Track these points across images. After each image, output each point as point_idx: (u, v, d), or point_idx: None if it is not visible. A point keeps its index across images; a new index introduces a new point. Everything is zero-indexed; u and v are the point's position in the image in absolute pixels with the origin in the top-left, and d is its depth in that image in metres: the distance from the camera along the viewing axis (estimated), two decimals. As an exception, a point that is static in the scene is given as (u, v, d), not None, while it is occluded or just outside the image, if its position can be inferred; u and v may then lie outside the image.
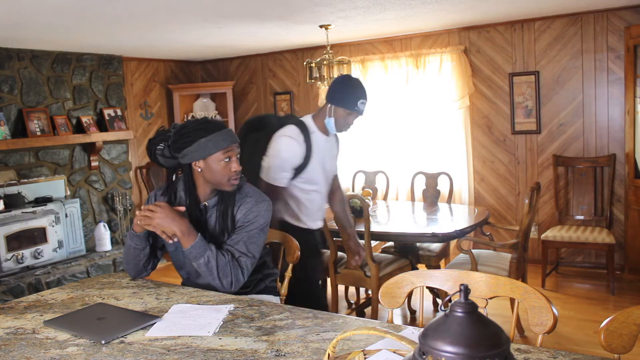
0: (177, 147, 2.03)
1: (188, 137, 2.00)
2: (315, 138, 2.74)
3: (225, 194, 2.08)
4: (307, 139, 2.69)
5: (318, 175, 2.80)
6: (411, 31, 5.50)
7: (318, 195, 2.86)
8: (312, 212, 2.85)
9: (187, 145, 2.00)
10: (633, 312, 1.33)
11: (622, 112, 4.75)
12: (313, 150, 2.71)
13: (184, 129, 2.02)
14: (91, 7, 3.50)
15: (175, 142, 2.03)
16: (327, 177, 2.89)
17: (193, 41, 5.23)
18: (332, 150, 2.91)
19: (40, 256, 4.87)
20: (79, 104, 5.56)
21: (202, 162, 2.02)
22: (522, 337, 3.64)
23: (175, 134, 2.04)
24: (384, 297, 1.71)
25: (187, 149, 2.00)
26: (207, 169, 2.02)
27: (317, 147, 2.74)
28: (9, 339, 1.60)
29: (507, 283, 1.55)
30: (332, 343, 1.06)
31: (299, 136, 2.67)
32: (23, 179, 5.02)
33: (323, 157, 2.80)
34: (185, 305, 1.81)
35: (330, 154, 2.90)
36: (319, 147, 2.75)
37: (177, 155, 2.05)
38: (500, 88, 5.30)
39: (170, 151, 2.07)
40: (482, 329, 0.83)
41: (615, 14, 4.73)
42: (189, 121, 2.06)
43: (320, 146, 2.76)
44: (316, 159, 2.74)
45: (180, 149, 2.02)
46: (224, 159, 2.01)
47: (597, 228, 4.67)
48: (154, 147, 2.10)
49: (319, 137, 2.77)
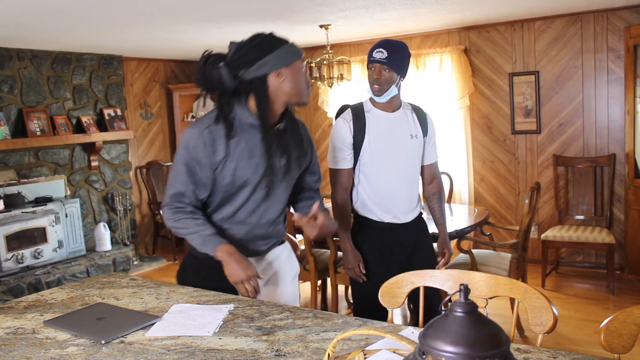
0: (250, 58, 1.81)
1: (267, 43, 1.82)
2: (372, 116, 2.51)
3: (290, 114, 1.94)
4: (358, 117, 2.50)
5: (380, 157, 2.51)
6: (411, 31, 5.50)
7: (388, 178, 2.54)
8: (384, 199, 2.55)
9: (266, 53, 1.80)
10: (633, 312, 1.33)
11: (622, 112, 4.75)
12: (368, 129, 2.49)
13: (256, 38, 1.84)
14: (91, 7, 3.50)
15: (248, 53, 1.81)
16: (399, 160, 2.54)
17: (193, 41, 5.23)
18: (404, 127, 2.54)
19: (40, 256, 4.87)
20: (79, 104, 5.56)
21: (285, 69, 1.84)
22: (522, 337, 3.64)
23: (245, 46, 1.83)
24: (384, 297, 1.71)
25: (267, 57, 1.80)
26: (291, 77, 1.85)
27: (374, 124, 2.50)
28: (9, 339, 1.60)
29: (507, 283, 1.55)
30: (332, 343, 1.06)
31: (347, 115, 2.53)
32: (23, 179, 5.02)
33: (386, 135, 2.51)
34: (185, 305, 1.81)
35: (403, 131, 2.53)
36: (378, 124, 2.51)
37: (249, 68, 1.81)
38: (500, 88, 5.30)
39: (229, 70, 1.83)
40: (482, 329, 0.83)
41: (615, 14, 4.73)
42: (253, 35, 1.86)
43: (380, 124, 2.51)
44: (373, 138, 2.49)
45: (255, 60, 1.80)
46: (302, 66, 1.89)
47: (597, 228, 4.67)
48: (213, 68, 1.83)
49: (377, 114, 2.52)
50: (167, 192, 1.95)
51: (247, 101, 1.89)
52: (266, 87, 1.84)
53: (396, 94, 2.50)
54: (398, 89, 2.50)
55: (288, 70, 1.84)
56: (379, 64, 2.42)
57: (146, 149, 6.45)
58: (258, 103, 1.85)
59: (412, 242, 2.60)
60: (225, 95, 1.87)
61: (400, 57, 2.46)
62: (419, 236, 2.64)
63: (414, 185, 2.62)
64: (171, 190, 1.93)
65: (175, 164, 1.92)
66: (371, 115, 2.52)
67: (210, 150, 1.85)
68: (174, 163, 1.93)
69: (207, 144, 1.84)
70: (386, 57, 2.41)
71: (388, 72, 2.42)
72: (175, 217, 1.93)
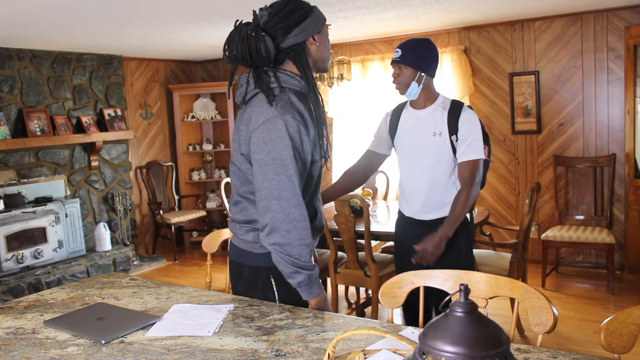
0: (289, 24, 1.69)
1: (302, 8, 1.71)
2: (405, 113, 2.61)
3: (314, 83, 1.79)
4: (395, 114, 2.63)
5: (401, 151, 2.61)
6: (411, 31, 5.50)
7: (409, 175, 2.60)
8: (405, 195, 2.63)
9: (304, 18, 1.70)
10: (633, 312, 1.33)
11: (622, 112, 4.75)
12: (399, 125, 2.60)
13: (290, 2, 1.70)
14: (91, 7, 3.50)
15: (287, 19, 1.68)
16: (419, 157, 2.53)
17: (193, 41, 5.23)
18: (429, 124, 2.50)
19: (40, 256, 4.87)
20: (79, 104, 5.56)
21: (318, 35, 1.75)
22: (522, 337, 3.64)
23: (280, 12, 1.69)
24: (384, 297, 1.71)
25: (305, 22, 1.70)
26: (323, 42, 1.77)
27: (404, 121, 2.60)
28: (9, 339, 1.60)
29: (507, 283, 1.55)
30: (332, 343, 1.06)
31: (390, 111, 2.69)
32: (23, 179, 5.02)
33: (410, 132, 2.56)
34: (185, 305, 1.81)
35: (426, 129, 2.51)
36: (407, 121, 2.59)
37: (288, 35, 1.69)
38: (500, 88, 5.30)
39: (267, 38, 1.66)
40: (482, 329, 0.83)
41: (615, 13, 4.73)
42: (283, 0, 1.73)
43: (408, 121, 2.58)
44: (399, 134, 2.59)
45: (294, 25, 1.69)
46: (328, 32, 1.83)
47: (597, 228, 4.67)
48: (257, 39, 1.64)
49: (409, 112, 2.59)
50: (295, 198, 1.66)
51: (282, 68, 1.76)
52: (306, 53, 1.75)
53: (428, 92, 2.51)
54: (423, 85, 2.48)
55: (320, 35, 1.77)
56: (395, 63, 2.51)
57: (146, 149, 6.45)
58: (301, 69, 1.74)
59: None
60: (267, 66, 1.72)
61: (417, 53, 2.47)
62: None
63: (436, 185, 2.52)
64: (298, 195, 1.66)
65: (282, 162, 1.65)
66: (405, 112, 2.62)
67: (306, 132, 1.70)
68: (279, 166, 1.65)
69: (301, 125, 1.69)
70: (400, 56, 2.47)
71: (404, 69, 2.47)
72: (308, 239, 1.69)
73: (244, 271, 1.86)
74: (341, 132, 6.12)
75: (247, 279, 1.85)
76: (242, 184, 1.80)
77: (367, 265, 3.57)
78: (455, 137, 2.46)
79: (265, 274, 1.80)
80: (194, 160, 6.87)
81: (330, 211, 3.15)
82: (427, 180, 2.53)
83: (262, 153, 1.65)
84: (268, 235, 1.67)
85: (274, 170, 1.64)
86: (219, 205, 6.70)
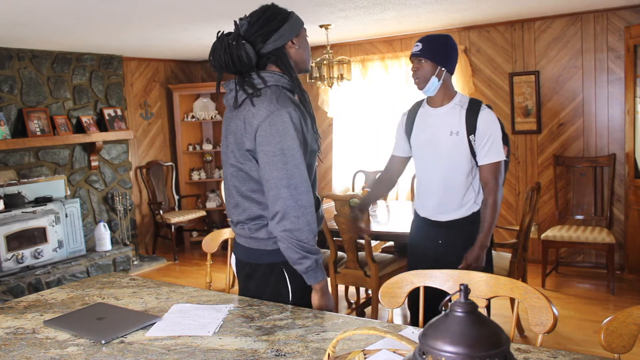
0: (268, 30, 1.78)
1: (279, 14, 1.81)
2: (422, 110, 2.55)
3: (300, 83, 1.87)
4: (413, 112, 2.59)
5: (416, 151, 2.56)
6: (411, 31, 5.50)
7: (424, 174, 2.55)
8: (420, 195, 2.59)
9: (281, 24, 1.80)
10: (633, 312, 1.33)
11: (622, 112, 4.75)
12: (415, 124, 2.55)
13: (267, 10, 1.81)
14: (91, 7, 3.50)
15: (266, 25, 1.78)
16: (435, 157, 2.48)
17: (193, 41, 5.23)
18: (445, 123, 2.44)
19: (40, 256, 4.87)
20: (79, 104, 5.56)
21: (296, 38, 1.84)
22: (522, 337, 3.64)
23: (259, 20, 1.79)
24: (384, 297, 1.71)
25: (283, 28, 1.80)
26: (302, 45, 1.87)
27: (420, 119, 2.54)
28: (9, 339, 1.60)
29: (507, 283, 1.56)
30: (332, 343, 1.06)
31: (408, 109, 2.64)
32: (23, 179, 5.02)
33: (425, 131, 2.50)
34: (185, 305, 1.81)
35: (442, 127, 2.44)
36: (423, 120, 2.53)
37: (267, 40, 1.78)
38: (501, 88, 5.30)
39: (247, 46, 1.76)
40: (482, 329, 0.83)
41: (615, 13, 4.73)
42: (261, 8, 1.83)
43: (424, 119, 2.52)
44: (415, 133, 2.54)
45: (272, 32, 1.79)
46: (306, 34, 1.91)
47: (597, 228, 4.67)
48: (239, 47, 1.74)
49: (426, 109, 2.53)
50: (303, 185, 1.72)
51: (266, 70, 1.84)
52: (287, 56, 1.83)
53: (446, 89, 2.45)
54: (443, 81, 2.42)
55: (298, 38, 1.85)
56: (415, 57, 2.44)
57: (146, 149, 6.44)
58: (284, 70, 1.82)
59: (447, 244, 2.49)
60: (250, 71, 1.81)
61: (438, 47, 2.41)
62: (457, 239, 2.48)
63: (452, 185, 2.46)
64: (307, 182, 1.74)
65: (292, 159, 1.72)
66: (422, 110, 2.56)
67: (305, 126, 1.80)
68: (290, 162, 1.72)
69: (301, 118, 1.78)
70: (420, 50, 2.41)
71: (424, 62, 2.40)
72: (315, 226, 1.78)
73: (257, 270, 1.87)
74: (341, 132, 6.12)
75: (259, 277, 1.87)
76: (242, 183, 1.83)
77: (367, 265, 3.57)
78: (473, 137, 2.39)
79: (278, 270, 1.83)
80: (194, 160, 6.87)
81: (330, 211, 3.14)
82: (442, 181, 2.46)
83: (270, 145, 1.71)
84: (279, 222, 1.72)
85: (282, 160, 1.70)
86: (219, 205, 6.70)
